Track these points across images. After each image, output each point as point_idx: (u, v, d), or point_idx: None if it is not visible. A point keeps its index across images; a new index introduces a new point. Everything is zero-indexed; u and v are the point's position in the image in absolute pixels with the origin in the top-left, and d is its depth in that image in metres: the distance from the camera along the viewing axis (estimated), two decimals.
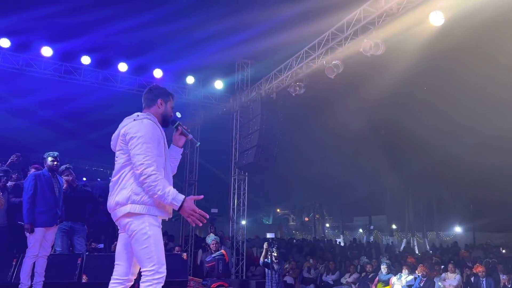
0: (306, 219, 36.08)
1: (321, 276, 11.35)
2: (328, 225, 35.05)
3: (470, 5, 6.36)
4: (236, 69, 11.51)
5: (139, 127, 2.78)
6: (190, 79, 11.44)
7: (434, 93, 14.84)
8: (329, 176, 23.98)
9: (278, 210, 37.83)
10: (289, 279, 10.54)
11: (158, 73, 10.93)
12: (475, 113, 15.12)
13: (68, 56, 10.21)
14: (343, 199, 28.84)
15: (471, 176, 19.71)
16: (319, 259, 12.59)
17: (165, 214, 2.81)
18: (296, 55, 9.11)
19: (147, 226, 2.68)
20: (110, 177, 2.94)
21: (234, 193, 11.40)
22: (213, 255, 8.41)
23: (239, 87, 11.56)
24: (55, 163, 5.39)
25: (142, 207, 2.69)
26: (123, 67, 10.55)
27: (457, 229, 25.57)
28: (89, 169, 21.68)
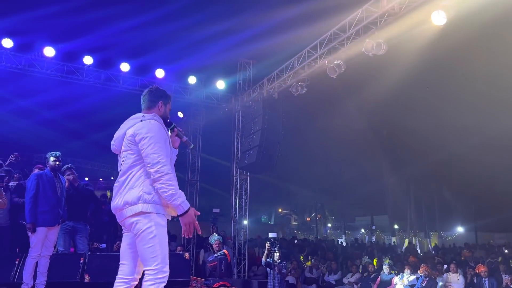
0: (308, 219, 36.06)
1: (323, 276, 11.35)
2: (330, 225, 35.04)
3: (472, 4, 6.34)
4: (238, 69, 11.52)
5: (148, 128, 2.83)
6: (192, 79, 11.45)
7: (436, 92, 14.80)
8: (331, 175, 23.98)
9: (280, 210, 37.82)
10: (291, 279, 10.53)
11: (160, 73, 10.94)
12: (478, 113, 15.07)
13: (71, 56, 10.23)
14: (345, 199, 28.81)
15: (473, 176, 19.66)
16: (321, 259, 12.59)
17: (168, 215, 2.84)
18: (298, 55, 9.10)
19: (154, 225, 2.71)
20: (113, 177, 2.96)
21: (236, 193, 11.41)
22: (215, 255, 8.42)
23: (241, 87, 11.56)
24: (57, 163, 5.41)
25: (153, 206, 2.72)
26: (125, 67, 10.56)
27: (459, 229, 25.53)
28: (92, 169, 21.72)
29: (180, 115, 11.81)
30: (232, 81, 11.71)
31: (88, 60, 10.22)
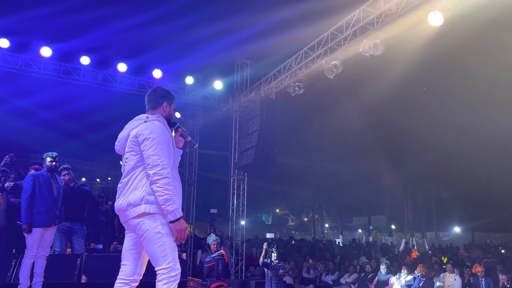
0: (305, 219, 36.10)
1: (321, 276, 11.36)
2: (327, 225, 35.08)
3: (469, 5, 6.37)
4: (235, 69, 11.50)
5: (152, 129, 2.82)
6: (189, 80, 11.43)
7: (433, 93, 14.86)
8: (328, 176, 24.04)
9: (278, 210, 37.85)
10: (288, 279, 10.53)
11: (157, 73, 10.91)
12: (474, 114, 15.15)
13: (67, 56, 10.19)
14: (342, 199, 28.87)
15: (470, 176, 19.75)
16: (318, 259, 12.59)
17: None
18: (296, 55, 9.10)
19: (160, 225, 2.71)
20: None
21: (234, 193, 11.40)
22: (212, 255, 8.41)
23: (238, 88, 11.56)
24: (53, 163, 5.39)
25: (156, 206, 2.72)
26: (122, 67, 10.53)
27: (456, 229, 25.60)
28: (89, 169, 21.65)
29: (178, 115, 11.79)
30: (229, 81, 11.70)
31: (85, 60, 10.18)
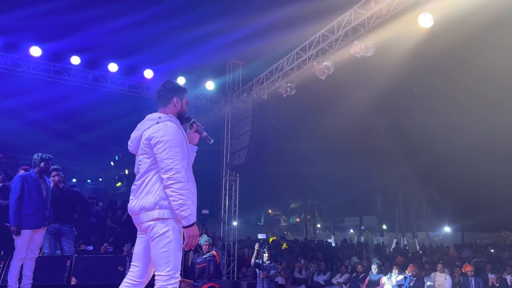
0: (298, 220, 36.15)
1: (312, 277, 11.38)
2: (319, 225, 35.17)
3: (460, 7, 6.42)
4: (227, 70, 11.49)
5: (164, 131, 2.74)
6: (181, 80, 11.39)
7: (424, 94, 14.99)
8: (320, 176, 24.10)
9: (270, 211, 37.86)
10: (280, 280, 10.54)
11: (148, 73, 10.86)
12: (464, 115, 15.30)
13: (58, 56, 10.10)
14: (334, 199, 28.98)
15: (460, 177, 19.93)
16: (310, 259, 12.61)
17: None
18: (287, 56, 9.12)
19: (171, 230, 2.67)
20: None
21: (226, 194, 11.38)
22: (204, 256, 8.38)
23: (230, 88, 11.55)
24: (47, 166, 5.38)
25: (170, 212, 2.68)
26: (113, 67, 10.47)
27: (446, 229, 25.82)
28: (80, 170, 21.48)
29: None
30: (221, 82, 11.69)
31: (75, 60, 10.10)
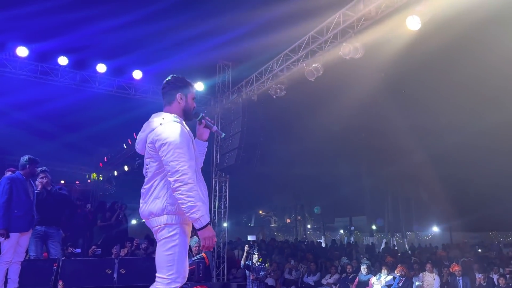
0: (288, 221, 36.22)
1: (303, 278, 11.39)
2: (309, 226, 35.27)
3: (448, 9, 6.49)
4: (217, 71, 11.48)
5: (168, 133, 2.68)
6: None
7: (413, 95, 15.12)
8: (310, 177, 24.15)
9: (260, 212, 37.87)
10: (270, 281, 10.53)
11: (137, 74, 10.78)
12: (453, 115, 15.47)
13: (45, 57, 9.98)
14: (324, 200, 29.08)
15: (448, 177, 20.15)
16: (300, 260, 12.63)
17: (190, 226, 2.78)
18: (277, 57, 9.14)
19: (177, 234, 2.64)
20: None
21: (216, 196, 11.35)
22: (193, 258, 8.34)
23: (220, 89, 11.52)
24: (35, 168, 5.33)
25: (177, 217, 2.65)
26: (101, 68, 10.37)
27: (435, 228, 26.09)
28: (67, 172, 21.21)
29: None
30: (211, 83, 11.65)
31: (63, 60, 9.99)
